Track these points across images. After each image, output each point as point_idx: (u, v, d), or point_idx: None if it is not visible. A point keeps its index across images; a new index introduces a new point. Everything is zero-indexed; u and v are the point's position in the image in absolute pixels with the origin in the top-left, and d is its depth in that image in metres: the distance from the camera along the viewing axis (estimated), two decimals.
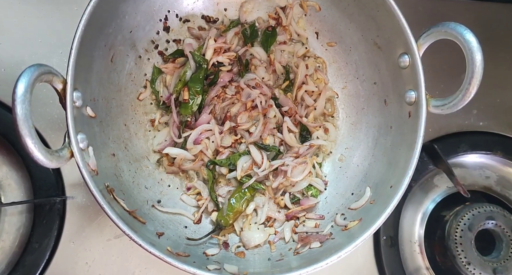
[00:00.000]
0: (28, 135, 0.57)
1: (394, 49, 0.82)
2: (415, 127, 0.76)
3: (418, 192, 1.05)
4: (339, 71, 1.00)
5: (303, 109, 0.97)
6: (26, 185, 0.96)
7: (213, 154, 0.93)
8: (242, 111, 0.93)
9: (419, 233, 1.03)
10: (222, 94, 0.93)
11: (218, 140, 0.92)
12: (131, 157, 0.89)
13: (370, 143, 0.93)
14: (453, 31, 0.70)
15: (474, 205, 0.98)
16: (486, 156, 1.07)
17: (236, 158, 0.91)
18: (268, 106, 0.94)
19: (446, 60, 1.08)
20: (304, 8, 0.97)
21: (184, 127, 0.93)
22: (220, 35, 0.97)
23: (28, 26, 1.02)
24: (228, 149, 0.93)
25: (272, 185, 0.91)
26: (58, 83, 0.66)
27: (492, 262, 0.95)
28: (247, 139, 0.93)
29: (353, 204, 0.87)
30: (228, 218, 0.88)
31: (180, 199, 0.92)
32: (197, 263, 0.74)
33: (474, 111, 1.10)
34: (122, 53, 0.88)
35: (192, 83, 0.91)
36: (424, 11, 1.12)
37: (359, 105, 0.97)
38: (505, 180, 1.08)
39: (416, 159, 0.75)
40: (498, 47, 1.14)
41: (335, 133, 0.99)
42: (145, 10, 0.89)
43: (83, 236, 0.94)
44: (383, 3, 0.78)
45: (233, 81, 0.96)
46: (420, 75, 0.76)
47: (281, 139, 0.95)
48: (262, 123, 0.92)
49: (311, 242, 0.83)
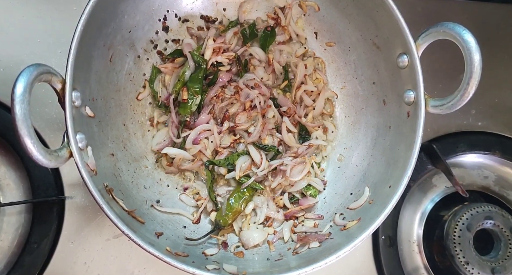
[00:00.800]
0: (27, 135, 0.57)
1: (393, 49, 0.82)
2: (414, 127, 0.76)
3: (416, 192, 1.05)
4: (338, 71, 1.00)
5: (302, 109, 0.97)
6: (25, 185, 0.96)
7: (212, 154, 0.93)
8: (241, 111, 0.93)
9: (418, 233, 1.04)
10: (221, 94, 0.94)
11: (217, 140, 0.92)
12: (130, 157, 0.89)
13: (369, 143, 0.93)
14: (451, 31, 0.70)
15: (473, 205, 0.98)
16: (485, 156, 1.07)
17: (235, 158, 0.91)
18: (267, 106, 0.94)
19: (444, 60, 1.08)
20: (303, 8, 0.97)
21: (183, 127, 0.93)
22: (219, 35, 0.97)
23: (26, 26, 1.02)
24: (227, 149, 0.93)
25: (271, 185, 0.92)
26: (57, 83, 0.66)
27: (491, 261, 0.95)
28: (246, 139, 0.93)
29: (352, 204, 0.87)
30: (227, 218, 0.88)
31: (179, 199, 0.93)
32: (196, 263, 0.74)
33: (472, 111, 1.10)
34: (121, 53, 0.88)
35: (191, 83, 0.92)
36: (423, 11, 1.12)
37: (357, 105, 0.97)
38: (503, 180, 1.09)
39: (415, 159, 0.75)
40: (496, 47, 1.14)
41: (334, 133, 0.99)
42: (144, 9, 0.89)
43: (82, 236, 0.94)
44: (382, 3, 0.78)
45: (232, 81, 0.96)
46: (419, 75, 0.76)
47: (280, 139, 0.95)
48: (260, 123, 0.92)
49: (310, 242, 0.84)
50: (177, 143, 0.92)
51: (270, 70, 0.97)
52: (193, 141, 0.91)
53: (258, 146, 0.92)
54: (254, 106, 0.93)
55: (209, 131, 0.92)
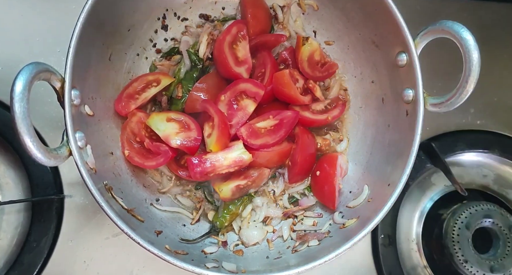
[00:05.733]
0: (27, 133, 0.57)
1: (391, 48, 0.82)
2: (413, 125, 0.76)
3: (415, 191, 1.06)
4: (337, 70, 1.00)
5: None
6: (24, 183, 0.96)
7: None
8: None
9: (417, 231, 1.04)
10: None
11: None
12: None
13: (368, 141, 0.93)
14: (450, 30, 0.70)
15: (472, 204, 0.98)
16: (484, 154, 1.08)
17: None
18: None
19: (443, 58, 1.08)
20: (302, 7, 0.98)
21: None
22: (216, 29, 0.97)
23: (25, 25, 1.02)
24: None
25: (276, 191, 0.93)
26: (56, 81, 0.66)
27: (489, 260, 0.95)
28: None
29: (351, 202, 0.87)
30: (224, 220, 0.88)
31: (176, 200, 0.92)
32: (195, 261, 0.74)
33: (471, 110, 1.10)
34: (120, 52, 0.88)
35: (185, 81, 0.92)
36: (421, 10, 1.12)
37: (356, 103, 0.97)
38: (502, 178, 1.09)
39: (414, 158, 0.75)
40: (495, 45, 1.14)
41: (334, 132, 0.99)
42: (143, 8, 0.89)
43: (81, 235, 0.94)
44: (381, 2, 0.78)
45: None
46: (418, 73, 0.76)
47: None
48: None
49: (309, 240, 0.84)
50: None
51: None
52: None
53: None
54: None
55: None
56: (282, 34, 0.96)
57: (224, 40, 0.89)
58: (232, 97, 0.88)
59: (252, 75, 0.94)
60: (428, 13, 1.12)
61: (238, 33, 0.91)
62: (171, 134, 0.84)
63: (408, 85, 0.79)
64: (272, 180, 0.94)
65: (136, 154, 0.85)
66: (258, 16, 0.94)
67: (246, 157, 0.83)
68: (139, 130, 0.87)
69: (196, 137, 0.84)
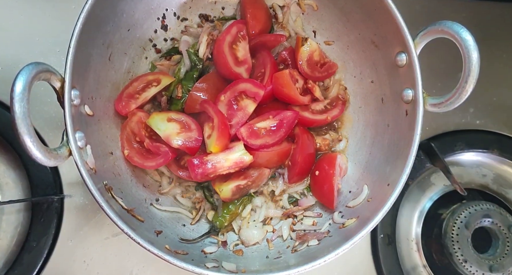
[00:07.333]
0: (27, 133, 0.57)
1: (391, 48, 0.82)
2: (412, 125, 0.76)
3: (415, 190, 1.06)
4: (336, 70, 1.00)
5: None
6: (24, 183, 0.96)
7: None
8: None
9: (416, 231, 1.04)
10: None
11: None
12: None
13: (368, 141, 0.93)
14: (449, 30, 0.70)
15: (471, 203, 0.98)
16: (483, 154, 1.08)
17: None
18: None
19: (443, 58, 1.08)
20: (301, 7, 0.98)
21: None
22: (216, 29, 0.97)
23: (25, 24, 1.02)
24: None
25: (275, 191, 0.93)
26: (56, 81, 0.66)
27: (489, 259, 0.95)
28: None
29: (350, 202, 0.87)
30: (223, 220, 0.88)
31: (176, 200, 0.92)
32: (195, 261, 0.74)
33: (470, 110, 1.11)
34: (120, 52, 0.88)
35: (185, 81, 0.92)
36: (421, 10, 1.13)
37: (356, 103, 0.97)
38: (501, 178, 1.09)
39: (413, 157, 0.75)
40: (494, 45, 1.14)
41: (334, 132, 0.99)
42: (143, 8, 0.89)
43: (81, 235, 0.94)
44: (380, 2, 0.78)
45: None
46: (417, 73, 0.76)
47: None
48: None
49: (309, 240, 0.84)
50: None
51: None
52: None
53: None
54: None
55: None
56: (281, 34, 0.96)
57: (224, 40, 0.89)
58: (232, 97, 0.88)
59: (252, 75, 0.94)
60: (428, 13, 1.12)
61: (238, 33, 0.91)
62: (172, 134, 0.84)
63: (407, 85, 0.79)
64: (272, 180, 0.94)
65: (136, 154, 0.85)
66: (257, 16, 0.94)
67: (247, 158, 0.83)
68: (139, 130, 0.87)
69: (197, 138, 0.84)
